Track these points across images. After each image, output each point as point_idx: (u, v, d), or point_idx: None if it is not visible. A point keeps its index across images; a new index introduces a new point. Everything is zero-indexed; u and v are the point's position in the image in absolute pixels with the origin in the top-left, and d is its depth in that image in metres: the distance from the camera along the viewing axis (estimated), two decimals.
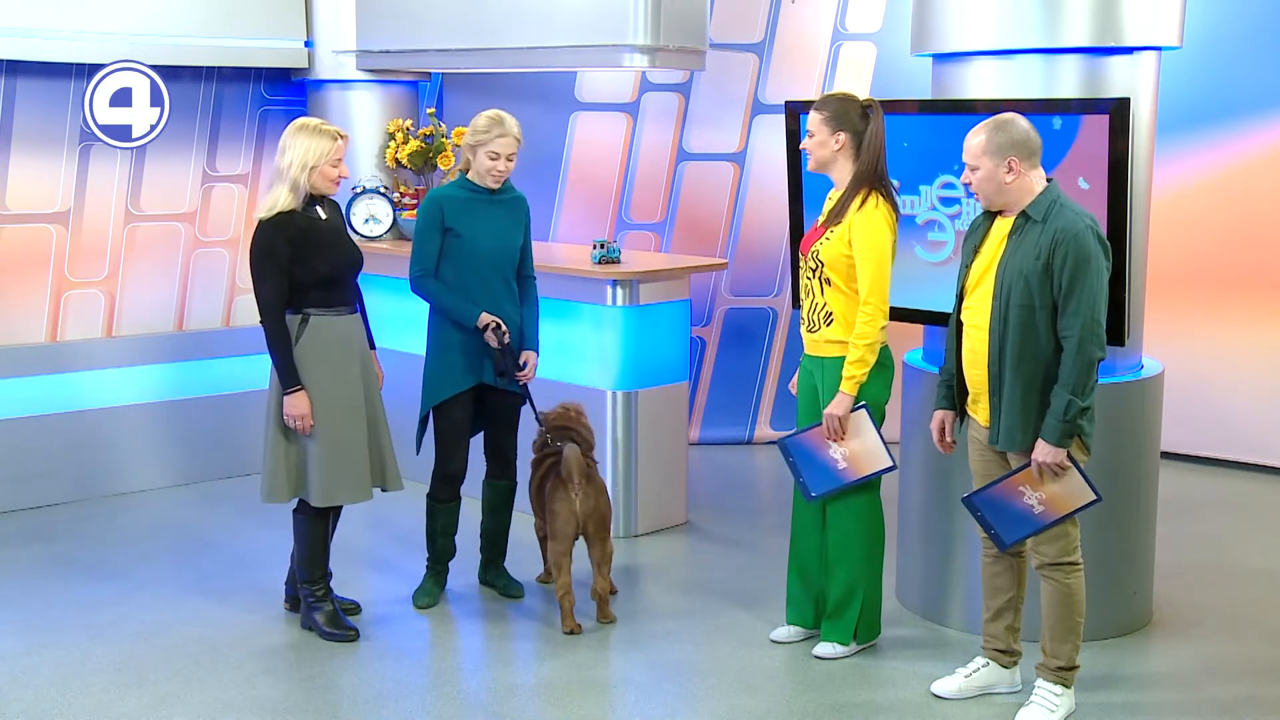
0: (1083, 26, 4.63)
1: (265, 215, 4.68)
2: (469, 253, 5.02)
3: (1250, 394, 7.27)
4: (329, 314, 4.76)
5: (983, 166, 4.08)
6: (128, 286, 6.98)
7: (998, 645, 4.42)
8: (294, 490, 4.81)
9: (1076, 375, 3.97)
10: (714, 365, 7.87)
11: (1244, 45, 7.06)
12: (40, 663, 4.72)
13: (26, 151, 6.56)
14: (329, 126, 4.74)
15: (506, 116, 4.99)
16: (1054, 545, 4.17)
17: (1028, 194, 4.09)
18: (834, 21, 7.63)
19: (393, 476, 4.93)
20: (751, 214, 7.76)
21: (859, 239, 4.48)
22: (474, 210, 5.04)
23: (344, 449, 4.76)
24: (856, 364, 4.51)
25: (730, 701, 4.43)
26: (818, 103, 4.63)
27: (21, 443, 6.54)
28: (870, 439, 4.58)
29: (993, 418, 4.17)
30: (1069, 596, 4.18)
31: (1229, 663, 4.75)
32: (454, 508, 5.26)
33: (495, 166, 4.98)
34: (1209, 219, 7.26)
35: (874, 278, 4.47)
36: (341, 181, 4.78)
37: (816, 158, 4.61)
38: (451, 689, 4.57)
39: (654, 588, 5.51)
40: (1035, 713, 4.22)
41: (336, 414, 4.74)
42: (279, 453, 4.77)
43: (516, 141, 5.00)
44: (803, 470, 4.68)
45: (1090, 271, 3.96)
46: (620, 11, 6.01)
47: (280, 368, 4.68)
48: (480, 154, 4.98)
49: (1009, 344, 4.07)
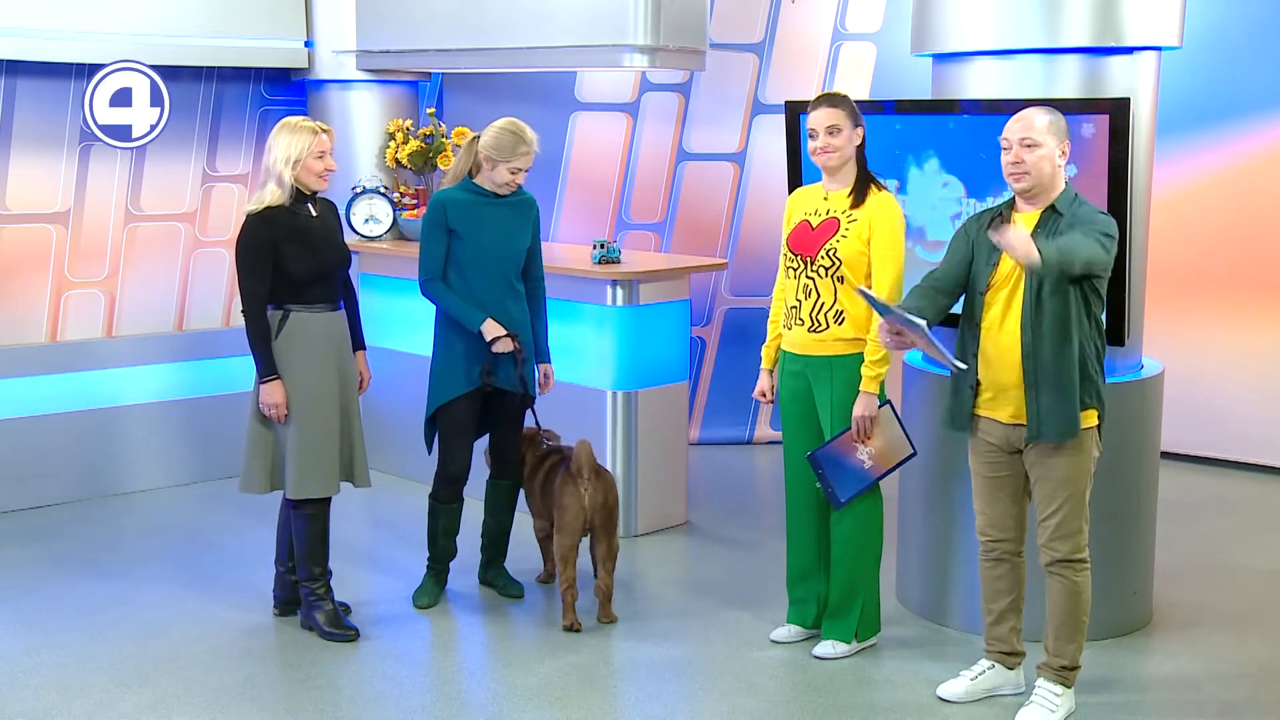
0: (1083, 26, 4.63)
1: (253, 209, 4.75)
2: (472, 255, 5.03)
3: (1250, 394, 7.27)
4: (310, 310, 4.79)
5: (1046, 145, 4.03)
6: (128, 286, 6.98)
7: (1002, 648, 4.42)
8: (271, 482, 4.88)
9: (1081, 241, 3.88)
10: (714, 365, 7.87)
11: (1244, 45, 7.06)
12: (40, 663, 4.72)
13: (26, 151, 6.56)
14: (310, 122, 4.80)
15: (525, 129, 5.00)
16: (1068, 542, 4.15)
17: (1058, 188, 4.09)
18: (834, 21, 7.63)
19: (360, 472, 4.96)
20: (751, 214, 7.77)
21: (879, 234, 4.47)
22: (479, 212, 5.04)
23: (317, 443, 4.80)
24: (879, 362, 4.51)
25: (730, 701, 4.43)
26: (831, 99, 4.56)
27: (22, 443, 6.54)
28: (894, 432, 4.60)
29: (1030, 413, 4.10)
30: (1077, 594, 4.18)
31: (1229, 663, 4.75)
32: (456, 509, 5.27)
33: (515, 180, 5.02)
34: (1209, 219, 7.26)
35: (894, 272, 4.49)
36: (330, 176, 4.82)
37: (843, 155, 4.55)
38: (451, 689, 4.57)
39: (654, 588, 5.51)
40: (1035, 713, 4.21)
41: (312, 408, 4.78)
42: (256, 444, 4.85)
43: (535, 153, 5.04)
44: (831, 479, 4.65)
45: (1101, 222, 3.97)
46: (620, 11, 6.01)
47: (258, 357, 4.74)
48: (501, 168, 4.99)
49: (1045, 333, 4.02)
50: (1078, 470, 4.13)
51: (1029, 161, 4.05)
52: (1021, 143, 4.05)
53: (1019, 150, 4.06)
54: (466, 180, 5.08)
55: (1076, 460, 4.12)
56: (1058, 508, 4.15)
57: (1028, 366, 4.08)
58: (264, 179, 4.80)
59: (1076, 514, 4.16)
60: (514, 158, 4.96)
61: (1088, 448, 4.14)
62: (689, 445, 6.57)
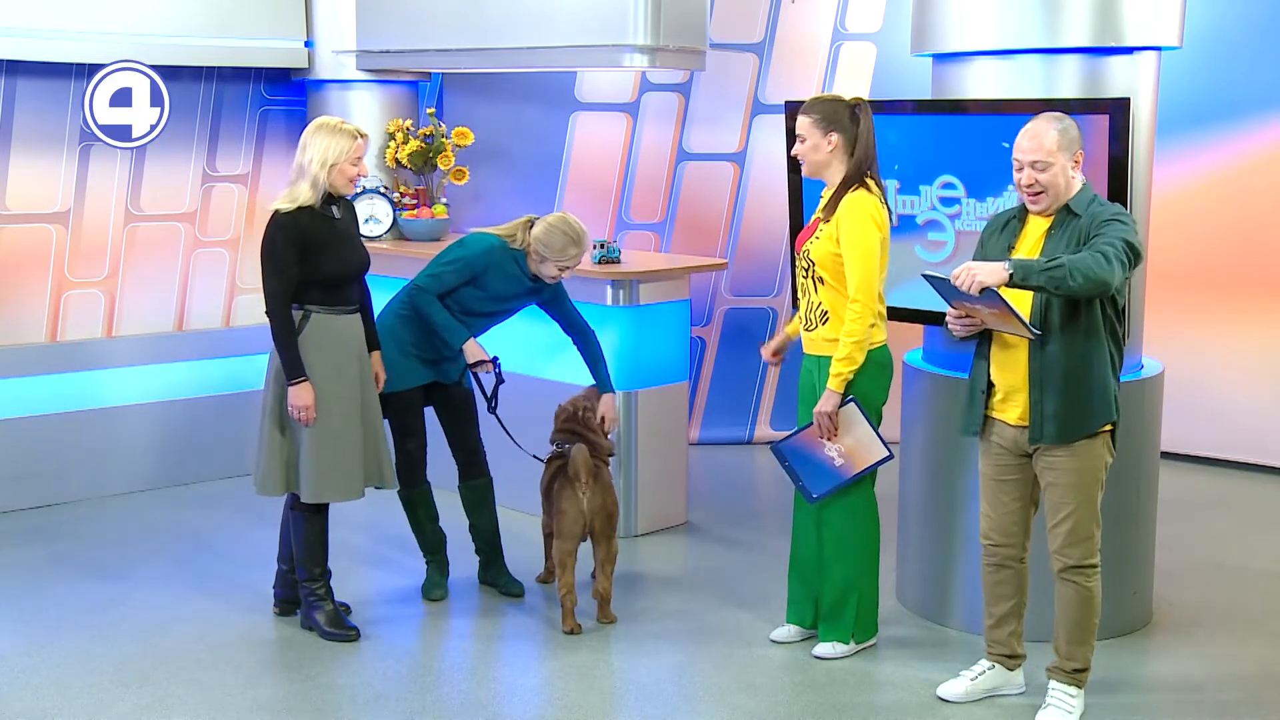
0: (1083, 26, 4.63)
1: (285, 206, 4.69)
2: (478, 308, 5.15)
3: (1250, 394, 7.27)
4: (331, 312, 4.76)
5: (1057, 162, 3.99)
6: (128, 286, 6.98)
7: (1003, 651, 4.41)
8: (287, 484, 4.84)
9: (1083, 262, 3.82)
10: (714, 365, 7.87)
11: (1244, 45, 7.06)
12: (40, 663, 4.72)
13: (26, 151, 6.56)
14: (349, 125, 4.75)
15: (580, 233, 5.06)
16: (1079, 548, 4.13)
17: (1073, 190, 4.07)
18: (834, 21, 7.63)
19: (389, 475, 4.95)
20: (751, 214, 7.76)
21: (845, 233, 4.47)
22: (512, 287, 5.15)
23: (336, 447, 4.77)
24: (844, 361, 4.49)
25: (730, 701, 4.43)
26: (805, 106, 4.59)
27: (21, 443, 6.54)
28: (863, 432, 4.56)
29: (1033, 415, 4.10)
30: (1089, 600, 4.16)
31: (1229, 663, 4.75)
32: (426, 492, 5.31)
33: (562, 275, 5.14)
34: (1209, 219, 7.26)
35: (861, 272, 4.44)
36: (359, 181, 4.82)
37: (811, 162, 4.58)
38: (452, 689, 4.57)
39: (654, 588, 5.51)
40: (1054, 715, 4.21)
41: (331, 412, 4.75)
42: (273, 446, 4.80)
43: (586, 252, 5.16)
44: (800, 474, 4.67)
45: (1120, 225, 3.92)
46: (620, 11, 6.01)
47: (286, 360, 4.68)
48: (550, 264, 5.07)
49: (1053, 335, 4.01)
50: (1087, 476, 4.11)
51: (1043, 181, 4.02)
52: (1034, 166, 4.01)
53: (1030, 172, 4.03)
54: (521, 255, 5.11)
55: (1085, 465, 4.10)
56: (1068, 514, 4.12)
57: (1033, 367, 4.07)
58: (295, 177, 4.72)
59: (1087, 520, 4.13)
60: (562, 258, 5.05)
61: (1098, 453, 4.12)
62: (689, 445, 6.58)
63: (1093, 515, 4.14)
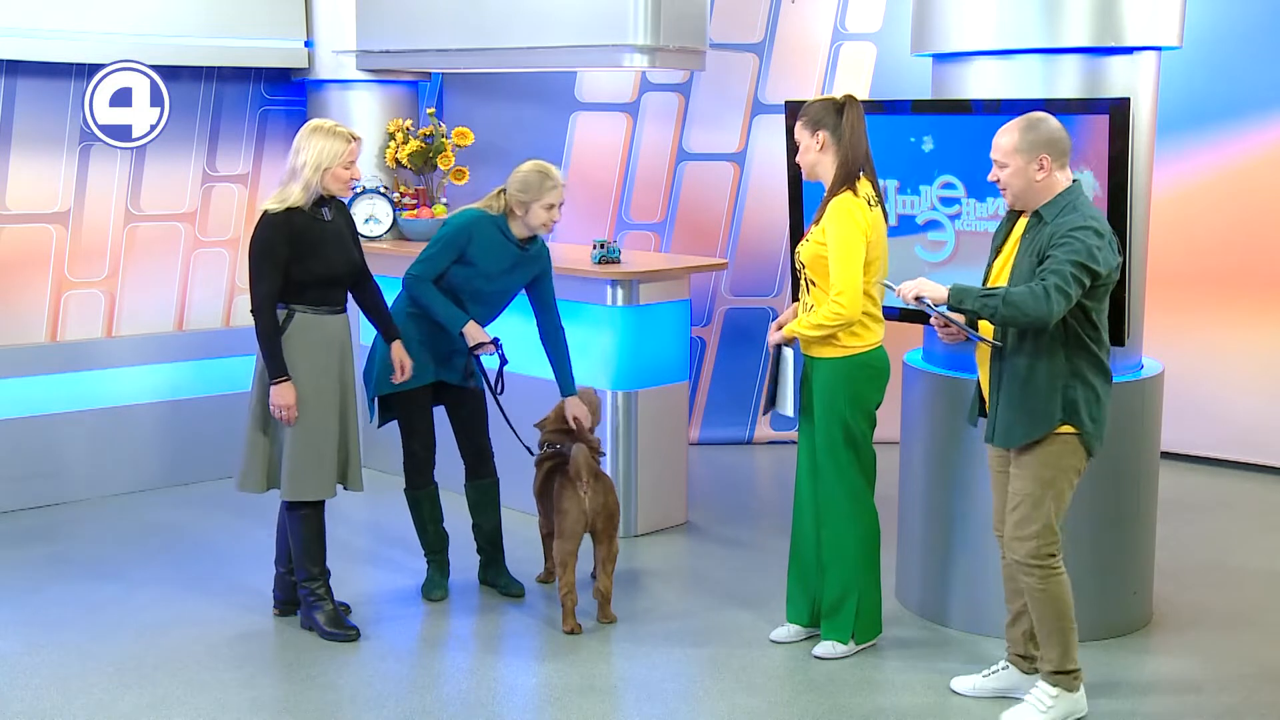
0: (1083, 26, 4.63)
1: (274, 207, 4.70)
2: (470, 285, 5.12)
3: (1250, 394, 7.27)
4: (316, 313, 4.78)
5: (1012, 164, 4.04)
6: (128, 286, 6.98)
7: (1017, 650, 4.40)
8: (269, 482, 4.88)
9: (1019, 296, 3.89)
10: (714, 365, 7.87)
11: (1244, 45, 7.06)
12: (40, 663, 4.72)
13: (26, 151, 6.56)
14: (343, 129, 4.76)
15: (550, 166, 5.05)
16: (1024, 545, 4.12)
17: (1050, 193, 4.07)
18: (834, 21, 7.63)
19: (354, 476, 4.95)
20: (751, 214, 7.77)
21: (829, 234, 4.49)
22: (500, 256, 5.11)
23: (315, 446, 4.80)
24: (809, 328, 4.53)
25: (730, 701, 4.43)
26: (792, 108, 4.67)
27: (21, 443, 6.54)
28: (786, 384, 4.68)
29: (990, 414, 4.18)
30: (1045, 599, 4.14)
31: (1229, 663, 4.75)
32: (433, 493, 5.31)
33: (553, 216, 5.06)
34: (1209, 219, 7.26)
35: (842, 267, 4.45)
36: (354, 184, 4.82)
37: (806, 164, 4.63)
38: (452, 689, 4.57)
39: (654, 588, 5.51)
40: (1023, 711, 4.21)
41: (312, 411, 4.77)
42: (255, 444, 4.85)
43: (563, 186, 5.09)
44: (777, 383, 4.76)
45: (1075, 242, 3.91)
46: (620, 11, 6.01)
47: (269, 359, 4.71)
48: (535, 208, 5.02)
49: (1017, 340, 4.05)
50: (1041, 478, 4.10)
51: (1002, 179, 4.11)
52: (995, 162, 4.12)
53: (995, 168, 4.13)
54: (502, 219, 5.09)
55: (1042, 469, 4.10)
56: (1014, 508, 4.16)
57: (994, 369, 4.16)
58: (288, 179, 4.74)
59: (1030, 519, 4.11)
60: (544, 194, 5.00)
61: (1053, 459, 4.09)
62: (689, 445, 6.58)
63: (1041, 517, 4.11)
